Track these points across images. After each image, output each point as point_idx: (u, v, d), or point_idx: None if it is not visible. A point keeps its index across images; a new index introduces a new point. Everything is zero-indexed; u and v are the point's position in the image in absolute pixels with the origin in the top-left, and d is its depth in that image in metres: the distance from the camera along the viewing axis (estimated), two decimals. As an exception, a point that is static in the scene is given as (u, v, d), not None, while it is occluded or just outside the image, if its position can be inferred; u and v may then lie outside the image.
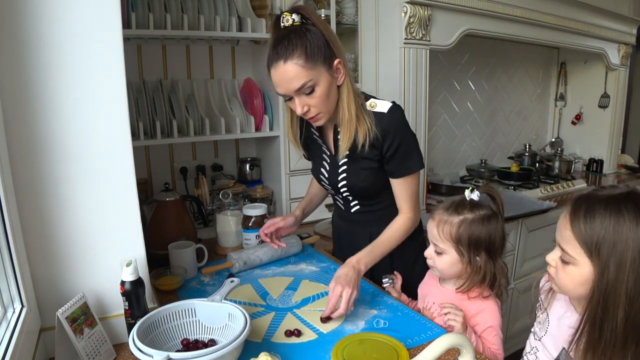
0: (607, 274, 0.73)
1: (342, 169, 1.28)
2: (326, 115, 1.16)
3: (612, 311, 0.73)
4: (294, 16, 1.07)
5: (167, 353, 0.80)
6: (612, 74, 3.05)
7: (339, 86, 1.15)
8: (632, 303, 0.72)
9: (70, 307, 0.89)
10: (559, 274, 0.83)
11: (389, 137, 1.17)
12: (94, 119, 0.94)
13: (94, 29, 0.91)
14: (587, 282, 0.77)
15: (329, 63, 1.09)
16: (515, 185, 2.64)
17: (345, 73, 1.13)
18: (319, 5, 1.88)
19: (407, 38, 1.90)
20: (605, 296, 0.74)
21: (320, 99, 1.11)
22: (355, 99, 1.15)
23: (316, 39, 1.07)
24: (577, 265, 0.78)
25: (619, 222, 0.73)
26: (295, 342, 1.02)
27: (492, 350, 1.06)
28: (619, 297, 0.72)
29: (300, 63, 1.05)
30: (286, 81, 1.08)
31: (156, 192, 1.71)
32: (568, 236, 0.78)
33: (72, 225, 0.96)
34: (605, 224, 0.74)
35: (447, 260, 1.09)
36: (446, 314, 1.05)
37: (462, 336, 0.74)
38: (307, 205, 1.49)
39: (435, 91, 2.67)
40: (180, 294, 1.25)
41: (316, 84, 1.09)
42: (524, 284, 2.37)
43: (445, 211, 1.10)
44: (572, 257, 0.78)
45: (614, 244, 0.73)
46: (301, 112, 1.13)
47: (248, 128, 1.78)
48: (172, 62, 1.82)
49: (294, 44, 1.05)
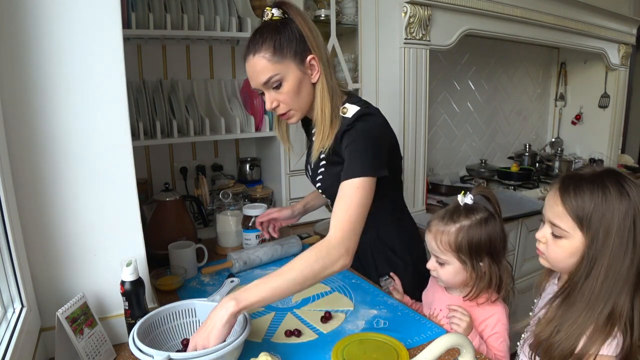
0: (597, 242, 0.81)
1: (320, 171, 1.25)
2: (298, 113, 1.13)
3: (595, 273, 0.81)
4: (274, 10, 1.08)
5: (168, 353, 0.80)
6: (612, 74, 3.05)
7: (314, 84, 1.11)
8: (611, 265, 0.80)
9: (70, 307, 0.89)
10: (549, 248, 0.89)
11: (344, 139, 1.10)
12: (94, 119, 0.94)
13: (94, 29, 0.91)
14: (577, 252, 0.85)
15: (301, 58, 1.06)
16: (515, 185, 2.64)
17: (321, 71, 1.09)
18: (319, 5, 1.89)
19: (407, 38, 1.91)
20: (592, 261, 0.82)
21: (288, 94, 1.08)
22: (331, 99, 1.10)
23: (289, 32, 1.05)
24: (569, 238, 0.85)
25: (606, 195, 0.81)
26: (295, 342, 1.02)
27: (498, 357, 1.06)
28: (602, 260, 0.81)
29: (267, 57, 1.04)
30: (255, 74, 1.08)
31: (156, 192, 1.71)
32: (560, 212, 0.85)
33: (72, 225, 0.96)
34: (594, 197, 0.82)
35: (451, 271, 1.07)
36: (451, 317, 1.05)
37: (462, 336, 0.73)
38: (312, 201, 1.46)
39: (435, 91, 2.67)
40: (180, 294, 1.25)
41: (283, 79, 1.07)
42: (524, 284, 2.37)
43: (440, 221, 1.08)
44: (564, 231, 0.85)
45: (602, 214, 0.81)
46: (270, 107, 1.11)
47: (248, 128, 1.78)
48: (172, 62, 1.82)
49: (264, 38, 1.05)
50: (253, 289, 0.89)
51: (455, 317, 1.04)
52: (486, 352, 1.05)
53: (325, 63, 1.10)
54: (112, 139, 0.96)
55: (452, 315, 1.05)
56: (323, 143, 1.12)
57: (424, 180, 2.12)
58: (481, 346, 1.05)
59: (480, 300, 1.08)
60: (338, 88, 1.16)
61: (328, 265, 0.93)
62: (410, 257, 1.30)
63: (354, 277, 1.33)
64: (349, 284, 1.29)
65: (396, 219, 1.32)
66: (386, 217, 1.29)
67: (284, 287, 0.90)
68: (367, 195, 1.02)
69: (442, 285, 1.14)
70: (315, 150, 1.15)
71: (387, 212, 1.28)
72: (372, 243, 1.31)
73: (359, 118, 1.10)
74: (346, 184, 1.02)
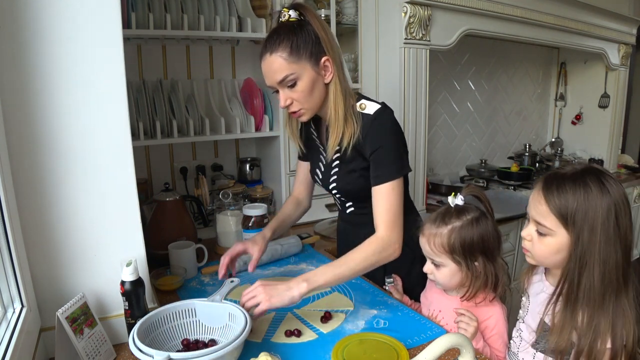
0: (582, 239, 0.83)
1: (334, 171, 1.27)
2: (309, 112, 1.16)
3: (588, 270, 0.83)
4: (291, 12, 1.11)
5: (168, 353, 0.80)
6: (612, 74, 3.05)
7: (327, 84, 1.14)
8: (605, 261, 0.82)
9: (70, 307, 0.89)
10: (535, 246, 0.91)
11: (369, 139, 1.14)
12: (94, 119, 0.94)
13: (94, 29, 0.91)
14: (563, 249, 0.87)
15: (316, 59, 1.10)
16: (515, 185, 2.64)
17: (335, 72, 1.13)
18: (319, 5, 1.89)
19: (407, 38, 1.91)
20: (582, 258, 0.83)
21: (302, 93, 1.12)
22: (345, 99, 1.14)
23: (306, 34, 1.09)
24: (554, 236, 0.87)
25: (588, 193, 0.83)
26: (295, 342, 1.02)
27: (499, 358, 1.06)
28: (593, 257, 0.83)
29: (284, 56, 1.08)
30: (271, 73, 1.11)
31: (156, 192, 1.71)
32: (544, 210, 0.87)
33: (72, 225, 0.96)
34: (576, 195, 0.84)
35: (447, 273, 1.08)
36: (459, 322, 1.04)
37: (462, 336, 0.73)
38: (279, 226, 1.38)
39: (435, 91, 2.67)
40: (180, 294, 1.25)
41: (298, 78, 1.10)
42: (524, 284, 2.37)
43: (432, 224, 1.09)
44: (548, 229, 0.87)
45: (585, 211, 0.83)
46: (283, 104, 1.14)
47: (248, 128, 1.78)
48: (172, 62, 1.82)
49: (282, 38, 1.08)
50: (320, 275, 1.04)
51: (463, 321, 1.04)
52: (489, 354, 1.05)
53: (338, 65, 1.14)
54: (112, 139, 0.96)
55: (459, 320, 1.05)
56: (337, 141, 1.16)
57: (424, 180, 2.12)
58: (485, 348, 1.05)
59: (477, 300, 1.08)
60: (351, 88, 1.19)
61: (383, 259, 1.10)
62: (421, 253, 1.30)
63: (354, 277, 1.33)
64: (349, 283, 1.29)
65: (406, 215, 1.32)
66: None
67: (346, 275, 1.06)
68: (401, 192, 1.15)
69: (440, 288, 1.15)
70: (330, 148, 1.18)
71: None
72: None
73: (382, 114, 1.15)
74: (383, 187, 1.13)
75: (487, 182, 2.69)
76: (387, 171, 1.13)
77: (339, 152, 1.21)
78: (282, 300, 0.99)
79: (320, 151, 1.32)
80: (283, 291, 0.99)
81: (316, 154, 1.35)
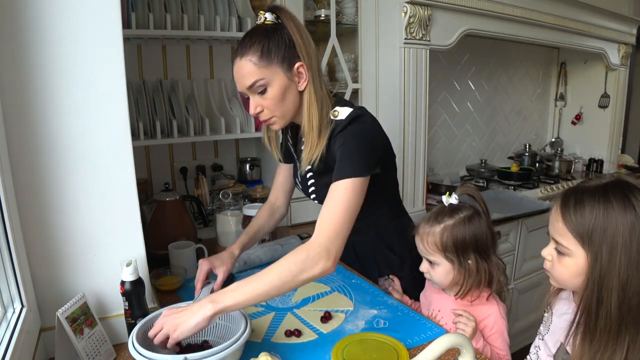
0: (600, 260, 0.75)
1: (310, 182, 1.22)
2: (281, 120, 1.10)
3: (606, 296, 0.74)
4: (267, 15, 1.06)
5: (167, 356, 0.80)
6: (612, 74, 3.06)
7: (301, 92, 1.08)
8: (624, 286, 0.73)
9: (70, 307, 0.89)
10: (555, 266, 0.84)
11: (337, 140, 1.07)
12: (94, 119, 0.94)
13: (94, 29, 0.91)
14: (583, 272, 0.78)
15: (289, 65, 1.04)
16: (515, 185, 2.64)
17: (309, 79, 1.06)
18: (319, 5, 1.89)
19: (407, 38, 1.91)
20: (600, 282, 0.75)
21: (272, 100, 1.05)
22: (320, 109, 1.07)
23: (279, 38, 1.03)
24: (572, 256, 0.80)
25: (608, 209, 0.75)
26: (295, 342, 1.02)
27: (500, 356, 1.06)
28: (612, 281, 0.74)
29: (254, 60, 1.02)
30: (240, 77, 1.05)
31: (156, 192, 1.71)
32: (560, 228, 0.80)
33: (72, 225, 0.96)
34: (594, 212, 0.76)
35: (442, 271, 1.09)
36: (457, 323, 1.05)
37: (462, 336, 0.73)
38: (249, 241, 1.30)
39: (435, 91, 2.67)
40: (180, 294, 1.25)
41: (268, 84, 1.04)
42: (524, 284, 2.37)
43: (426, 223, 1.10)
44: (566, 248, 0.80)
45: (604, 230, 0.75)
46: (253, 112, 1.08)
47: (248, 128, 1.78)
48: (172, 62, 1.82)
49: (253, 41, 1.02)
50: (230, 293, 0.88)
51: (461, 322, 1.04)
52: (490, 353, 1.05)
53: (314, 72, 1.07)
54: (112, 138, 0.96)
55: (457, 320, 1.05)
56: (311, 155, 1.09)
57: (424, 180, 2.12)
58: (485, 348, 1.05)
59: (472, 298, 1.08)
60: (328, 98, 1.12)
61: (307, 268, 0.91)
62: (410, 256, 1.30)
63: (354, 277, 1.33)
64: (349, 284, 1.29)
65: (395, 218, 1.33)
66: (385, 216, 1.29)
67: (262, 291, 0.88)
68: (357, 196, 1.00)
69: (437, 287, 1.15)
70: (304, 161, 1.11)
71: (385, 211, 1.29)
72: (371, 243, 1.31)
73: (353, 120, 1.07)
74: (335, 185, 1.00)
75: (487, 182, 2.69)
76: (343, 169, 1.01)
77: (311, 165, 1.12)
78: (188, 327, 0.85)
79: (295, 160, 1.28)
80: (188, 317, 0.86)
81: (294, 161, 1.31)
